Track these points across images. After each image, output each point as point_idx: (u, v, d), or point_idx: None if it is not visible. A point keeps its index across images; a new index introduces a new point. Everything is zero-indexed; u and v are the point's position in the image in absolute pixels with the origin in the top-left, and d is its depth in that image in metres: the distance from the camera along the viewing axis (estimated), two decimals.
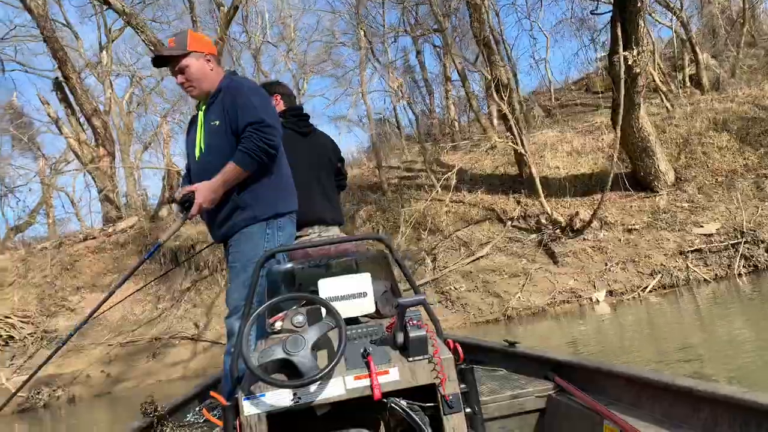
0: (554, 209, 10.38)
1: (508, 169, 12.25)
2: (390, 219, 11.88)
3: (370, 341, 1.71)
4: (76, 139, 15.98)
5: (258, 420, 1.57)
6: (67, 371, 11.91)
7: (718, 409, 1.61)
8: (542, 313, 9.56)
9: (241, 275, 2.40)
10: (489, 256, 10.53)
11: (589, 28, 21.69)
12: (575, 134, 12.69)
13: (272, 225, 2.44)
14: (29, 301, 14.02)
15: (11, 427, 10.26)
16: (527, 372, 2.64)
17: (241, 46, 15.10)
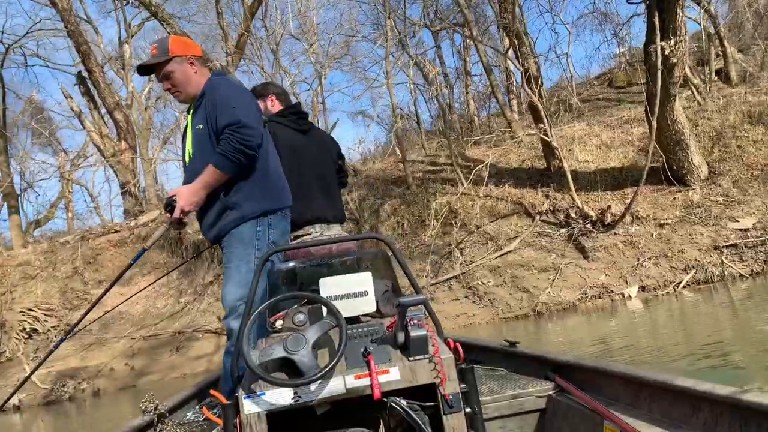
0: (584, 203, 10.19)
1: (536, 163, 12.07)
2: (415, 213, 11.75)
3: (370, 340, 1.70)
4: (98, 133, 16.01)
5: (258, 418, 1.57)
6: (91, 364, 11.93)
7: (718, 408, 1.59)
8: (573, 308, 9.39)
9: (235, 276, 2.38)
10: (517, 250, 10.37)
11: (612, 21, 21.40)
12: (603, 128, 12.47)
13: (262, 223, 2.41)
14: (52, 295, 14.07)
15: (37, 419, 10.28)
16: (527, 372, 2.63)
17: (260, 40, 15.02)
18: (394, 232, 11.75)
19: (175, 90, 2.60)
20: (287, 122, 3.08)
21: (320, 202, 3.00)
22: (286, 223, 2.51)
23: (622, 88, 19.28)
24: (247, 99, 2.44)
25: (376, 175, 13.51)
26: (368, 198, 12.63)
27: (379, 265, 2.13)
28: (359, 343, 1.68)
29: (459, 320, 9.94)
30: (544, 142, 11.16)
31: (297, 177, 2.81)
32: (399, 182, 12.79)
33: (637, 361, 5.42)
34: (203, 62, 2.65)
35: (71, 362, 12.21)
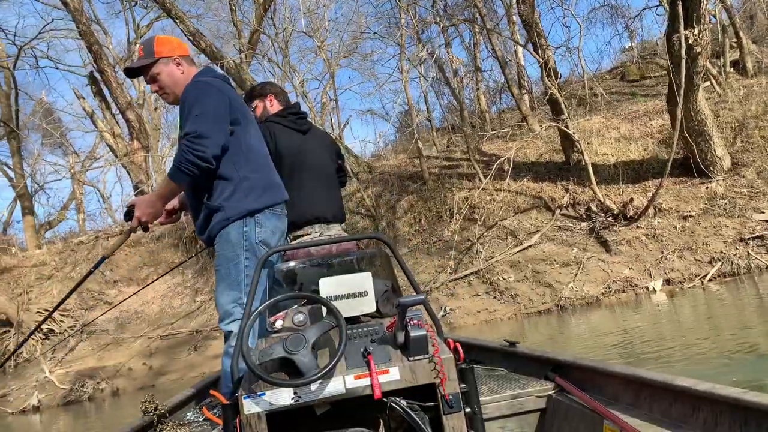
0: (605, 196, 10.07)
1: (553, 157, 11.95)
2: (432, 209, 11.65)
3: (370, 340, 1.70)
4: (111, 133, 15.99)
5: (258, 419, 1.57)
6: (109, 364, 11.90)
7: (718, 408, 1.59)
8: (596, 303, 9.27)
9: (225, 279, 2.34)
10: (538, 245, 10.25)
11: (624, 15, 21.23)
12: (621, 120, 12.33)
13: (249, 223, 2.35)
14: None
15: (57, 419, 10.25)
16: (527, 372, 2.62)
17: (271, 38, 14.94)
18: (411, 228, 11.66)
19: (162, 92, 2.56)
20: (286, 122, 3.06)
21: (320, 201, 2.99)
22: (277, 221, 2.44)
23: (634, 82, 19.11)
24: (211, 107, 2.32)
25: (391, 171, 13.42)
26: (384, 194, 12.55)
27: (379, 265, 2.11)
28: (359, 343, 1.68)
29: (480, 316, 9.85)
30: (563, 135, 11.04)
31: (296, 177, 2.79)
32: (415, 178, 12.69)
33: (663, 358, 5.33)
34: (190, 62, 2.58)
35: (89, 362, 12.19)
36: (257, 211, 2.37)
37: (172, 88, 2.52)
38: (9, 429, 10.54)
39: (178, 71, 2.51)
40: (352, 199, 12.89)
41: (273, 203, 2.43)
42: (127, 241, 2.77)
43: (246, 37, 12.83)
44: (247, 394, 1.59)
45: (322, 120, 16.73)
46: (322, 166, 3.13)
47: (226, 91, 2.42)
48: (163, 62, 2.50)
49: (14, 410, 11.22)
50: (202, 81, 2.41)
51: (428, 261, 11.02)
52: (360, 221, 12.26)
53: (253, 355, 1.59)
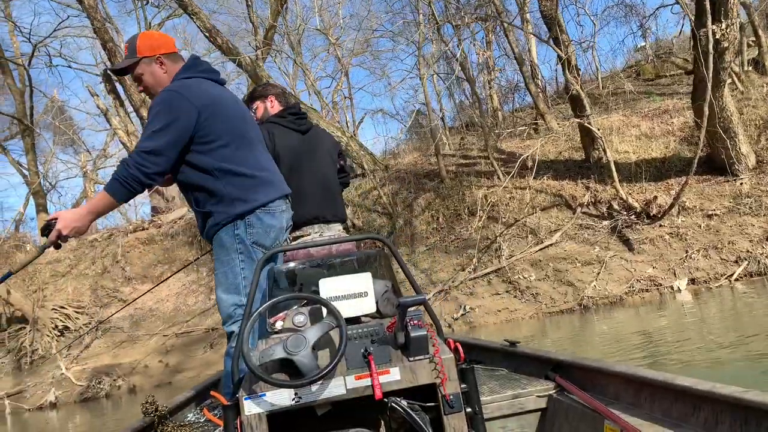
0: (628, 195, 9.93)
1: (573, 154, 11.82)
2: (450, 206, 11.55)
3: (370, 341, 1.70)
4: (125, 131, 15.97)
5: (258, 420, 1.58)
6: (125, 361, 11.87)
7: (718, 408, 1.59)
8: (620, 302, 9.15)
9: (223, 283, 2.33)
10: (559, 243, 10.13)
11: (638, 14, 21.04)
12: (641, 118, 12.19)
13: (239, 226, 2.31)
14: (83, 292, 14.06)
15: (74, 415, 10.22)
16: (528, 372, 2.63)
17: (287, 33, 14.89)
18: (429, 226, 11.56)
19: (147, 92, 2.50)
20: (286, 123, 3.06)
21: (320, 202, 2.99)
22: (270, 219, 2.36)
23: (650, 81, 18.92)
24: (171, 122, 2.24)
25: (407, 168, 13.33)
26: (401, 192, 12.46)
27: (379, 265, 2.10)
28: (359, 344, 1.68)
29: (501, 315, 9.74)
30: (583, 133, 10.92)
31: (295, 177, 2.77)
32: (432, 176, 12.59)
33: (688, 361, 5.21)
34: (174, 59, 2.47)
35: (104, 359, 12.17)
36: (247, 213, 2.31)
37: (155, 89, 2.44)
38: (26, 425, 10.53)
39: (161, 71, 2.43)
40: (369, 197, 12.81)
41: (265, 201, 2.36)
42: (41, 257, 2.61)
43: (261, 33, 12.76)
44: (248, 395, 1.59)
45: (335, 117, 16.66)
46: (322, 166, 3.12)
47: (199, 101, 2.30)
48: (145, 62, 2.42)
49: (31, 407, 11.21)
50: (173, 90, 2.32)
51: (446, 259, 10.91)
52: (377, 219, 12.17)
53: (253, 356, 1.58)
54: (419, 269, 11.01)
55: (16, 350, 12.85)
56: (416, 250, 11.30)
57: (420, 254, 11.21)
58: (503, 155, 12.46)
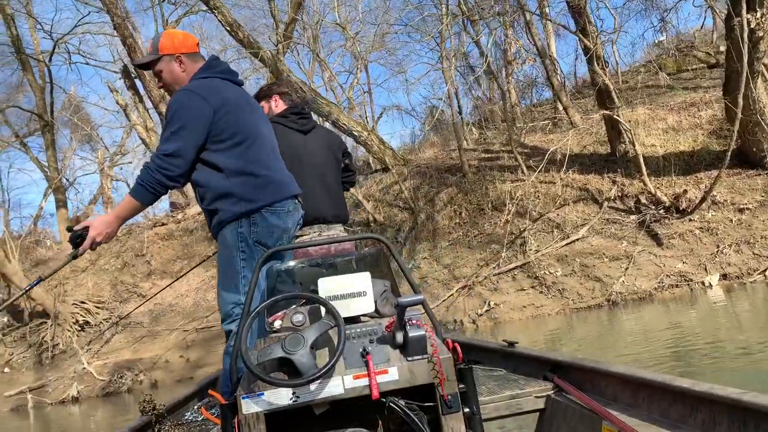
0: (656, 188, 9.74)
1: (598, 148, 11.63)
2: (473, 201, 11.41)
3: (369, 340, 1.70)
4: (144, 127, 15.98)
5: (256, 419, 1.57)
6: (146, 356, 11.86)
7: (716, 409, 1.58)
8: (649, 297, 8.97)
9: (223, 280, 2.35)
10: (585, 238, 9.96)
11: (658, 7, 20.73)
12: (668, 111, 11.97)
13: (243, 225, 2.32)
14: (102, 287, 14.09)
15: (96, 410, 10.22)
16: (526, 372, 2.63)
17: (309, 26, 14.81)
18: (452, 221, 11.43)
19: (166, 89, 2.55)
20: (287, 122, 3.05)
21: (321, 202, 2.99)
22: (276, 219, 2.36)
23: (671, 75, 18.63)
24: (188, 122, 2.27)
25: (428, 163, 13.20)
26: (422, 186, 12.33)
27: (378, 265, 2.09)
28: (358, 344, 1.68)
29: (526, 311, 9.60)
30: (609, 126, 10.73)
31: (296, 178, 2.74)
32: (453, 170, 12.45)
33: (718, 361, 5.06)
34: (194, 58, 2.50)
35: (125, 354, 12.17)
36: (252, 212, 2.32)
37: (173, 86, 2.49)
38: (48, 419, 10.55)
39: (179, 69, 2.47)
40: (389, 192, 12.70)
41: (271, 201, 2.35)
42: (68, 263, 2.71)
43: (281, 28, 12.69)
44: (246, 394, 1.58)
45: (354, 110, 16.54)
46: (324, 166, 3.11)
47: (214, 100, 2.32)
48: (165, 60, 2.46)
49: (53, 401, 11.24)
50: (189, 89, 2.35)
51: (470, 254, 10.78)
52: (398, 214, 12.06)
53: (251, 355, 1.58)
54: (442, 264, 10.89)
55: (38, 345, 12.90)
56: (438, 245, 11.18)
57: (442, 249, 11.09)
58: (526, 149, 12.29)
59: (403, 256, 11.35)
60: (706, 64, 17.45)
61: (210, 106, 2.30)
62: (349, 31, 15.58)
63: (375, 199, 12.50)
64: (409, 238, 11.54)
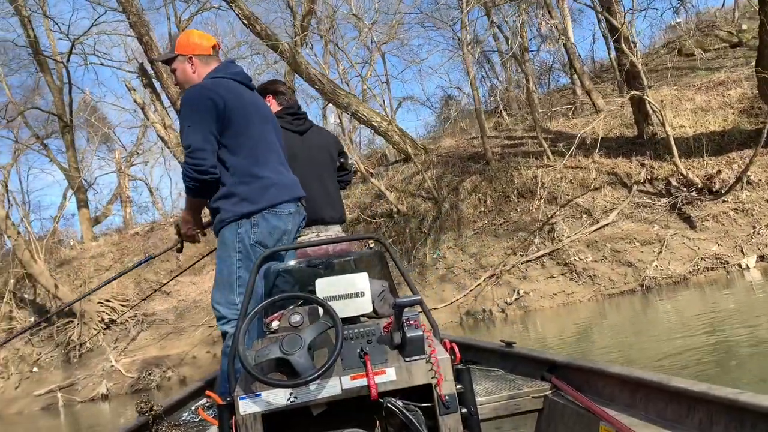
0: (688, 170, 9.51)
1: (624, 131, 11.40)
2: (498, 189, 11.24)
3: (367, 341, 1.69)
4: (162, 124, 15.96)
5: (254, 419, 1.57)
6: (173, 353, 11.87)
7: (713, 409, 1.59)
8: (684, 282, 8.76)
9: (219, 280, 2.37)
10: (615, 223, 9.76)
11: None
12: (695, 91, 11.69)
13: (244, 225, 2.34)
14: (127, 285, 14.13)
15: (126, 406, 10.25)
16: (524, 372, 2.63)
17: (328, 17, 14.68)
18: (476, 210, 11.28)
19: (179, 87, 2.66)
20: (284, 123, 3.01)
21: (318, 203, 2.98)
22: (277, 221, 2.38)
23: (692, 56, 18.26)
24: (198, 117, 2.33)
25: (449, 152, 13.04)
26: (445, 175, 12.18)
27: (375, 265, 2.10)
28: (355, 344, 1.68)
29: (557, 299, 9.44)
30: (636, 108, 10.50)
31: None
32: (476, 158, 12.28)
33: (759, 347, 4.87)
34: (206, 61, 2.57)
35: (151, 351, 12.20)
36: (254, 213, 2.34)
37: (184, 85, 2.58)
38: (79, 417, 10.61)
39: (190, 70, 2.55)
40: (412, 182, 12.57)
41: (273, 203, 2.37)
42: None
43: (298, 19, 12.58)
44: (243, 395, 1.58)
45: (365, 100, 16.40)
46: (321, 167, 3.11)
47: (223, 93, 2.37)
48: (180, 59, 2.55)
49: (83, 399, 11.30)
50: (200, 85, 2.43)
51: (496, 243, 10.63)
52: (422, 204, 11.92)
53: (249, 355, 1.58)
54: (467, 253, 10.75)
55: (65, 344, 12.98)
56: (464, 234, 11.04)
57: (468, 238, 10.95)
58: (549, 135, 12.08)
59: (428, 246, 11.24)
60: (728, 43, 17.06)
61: (220, 98, 2.35)
62: (365, 21, 15.42)
63: (397, 189, 12.38)
64: (434, 227, 11.40)
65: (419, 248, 11.28)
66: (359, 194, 13.05)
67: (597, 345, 6.60)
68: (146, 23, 16.56)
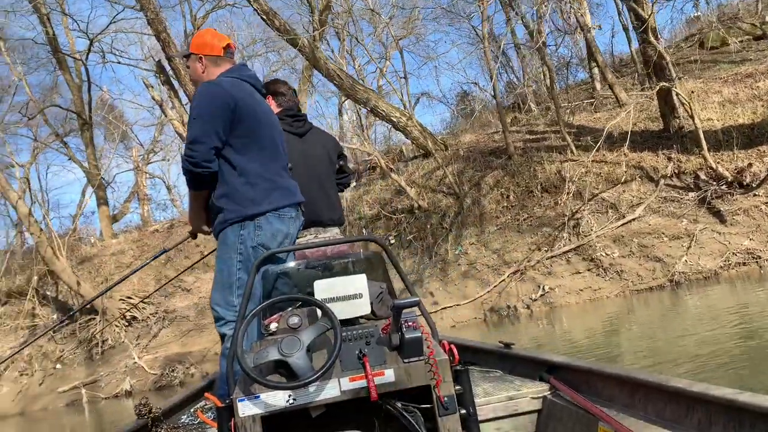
0: (717, 163, 9.33)
1: (648, 125, 11.22)
2: (521, 184, 11.12)
3: (365, 342, 1.70)
4: (180, 121, 15.98)
5: (253, 421, 1.57)
6: (195, 349, 11.89)
7: (712, 409, 1.59)
8: (714, 277, 8.61)
9: (218, 281, 2.37)
10: (642, 218, 9.61)
11: None
12: (722, 84, 11.48)
13: (247, 226, 2.33)
14: (147, 282, 14.17)
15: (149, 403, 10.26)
16: (522, 373, 2.64)
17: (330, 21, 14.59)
18: (499, 205, 11.16)
19: (193, 85, 2.73)
20: (283, 125, 2.96)
21: (317, 205, 2.98)
22: (279, 224, 2.39)
23: (714, 49, 17.97)
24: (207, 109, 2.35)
25: (470, 147, 12.93)
26: (466, 171, 12.07)
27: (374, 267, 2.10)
28: (354, 346, 1.68)
29: (583, 295, 9.31)
30: (662, 101, 10.32)
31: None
32: (498, 153, 12.16)
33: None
34: (216, 62, 2.59)
35: (173, 348, 12.23)
36: (258, 215, 2.34)
37: (195, 83, 2.61)
38: (103, 413, 10.66)
39: (200, 69, 2.58)
40: (432, 178, 12.47)
41: (277, 206, 2.38)
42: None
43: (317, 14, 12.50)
44: (242, 397, 1.58)
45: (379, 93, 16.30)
46: (319, 169, 3.10)
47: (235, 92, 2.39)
48: (192, 58, 2.59)
49: (107, 395, 11.36)
50: (213, 82, 2.44)
51: (519, 239, 10.51)
52: (443, 199, 11.83)
53: (248, 357, 1.58)
54: (490, 249, 10.65)
55: (87, 341, 13.05)
56: (486, 229, 10.93)
57: (490, 234, 10.84)
58: (572, 129, 11.93)
59: (450, 242, 11.15)
60: (752, 35, 16.76)
61: (232, 97, 2.36)
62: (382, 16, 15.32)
63: (418, 185, 12.29)
64: (455, 223, 11.31)
65: (441, 244, 11.19)
66: (379, 190, 12.98)
67: (625, 342, 6.49)
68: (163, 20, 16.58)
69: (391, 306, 1.67)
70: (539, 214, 10.57)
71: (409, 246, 11.51)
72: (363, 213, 12.50)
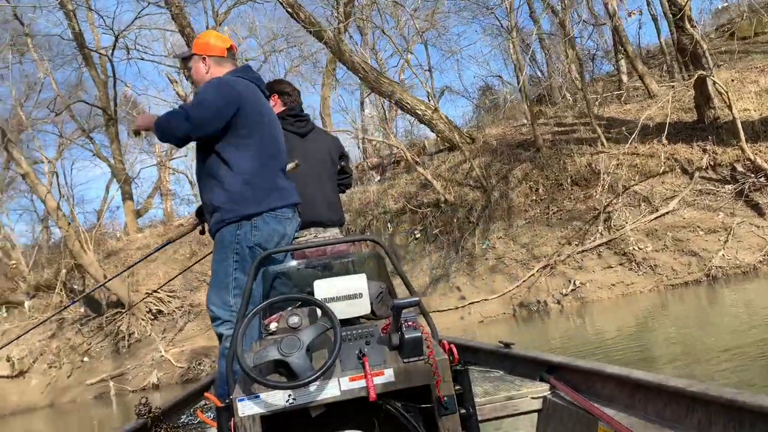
0: (756, 155, 9.06)
1: (681, 116, 10.94)
2: (550, 177, 10.92)
3: (365, 342, 1.70)
4: None
5: (252, 421, 1.57)
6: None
7: (712, 409, 1.59)
8: (753, 271, 8.36)
9: (215, 281, 2.36)
10: (676, 211, 9.38)
11: None
12: (759, 73, 11.15)
13: (244, 226, 2.32)
14: (173, 276, 14.25)
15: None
16: (522, 373, 2.64)
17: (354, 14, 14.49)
18: (527, 199, 10.98)
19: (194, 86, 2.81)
20: (285, 125, 2.97)
21: (317, 205, 2.99)
22: (276, 224, 2.37)
23: (746, 39, 17.51)
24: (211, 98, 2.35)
25: (497, 140, 12.75)
26: (493, 164, 11.90)
27: (374, 266, 2.09)
28: (354, 345, 1.68)
29: (615, 290, 9.12)
30: (697, 92, 10.05)
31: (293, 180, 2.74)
32: (526, 145, 11.97)
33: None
34: (220, 63, 2.59)
35: (199, 341, 12.27)
36: (255, 215, 2.32)
37: (197, 84, 2.61)
38: (130, 405, 10.72)
39: (203, 70, 2.58)
40: (458, 171, 12.32)
41: (275, 206, 2.37)
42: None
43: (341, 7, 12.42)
44: (242, 397, 1.58)
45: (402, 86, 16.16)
46: (321, 170, 3.11)
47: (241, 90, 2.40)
48: (195, 58, 2.59)
49: (134, 388, 11.44)
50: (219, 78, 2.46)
51: (549, 233, 10.33)
52: (470, 193, 11.67)
53: (247, 357, 1.58)
54: (519, 243, 10.48)
55: (114, 334, 13.17)
56: (514, 223, 10.77)
57: (519, 228, 10.67)
58: (602, 121, 11.69)
59: (477, 236, 11.00)
60: None
61: (238, 93, 2.37)
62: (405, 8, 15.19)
63: (444, 178, 12.15)
64: (483, 217, 11.15)
65: (467, 238, 11.05)
66: (404, 184, 12.87)
67: (659, 338, 6.29)
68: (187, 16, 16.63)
69: (391, 306, 1.66)
70: (569, 207, 10.37)
71: (435, 240, 11.39)
72: (388, 207, 12.40)
